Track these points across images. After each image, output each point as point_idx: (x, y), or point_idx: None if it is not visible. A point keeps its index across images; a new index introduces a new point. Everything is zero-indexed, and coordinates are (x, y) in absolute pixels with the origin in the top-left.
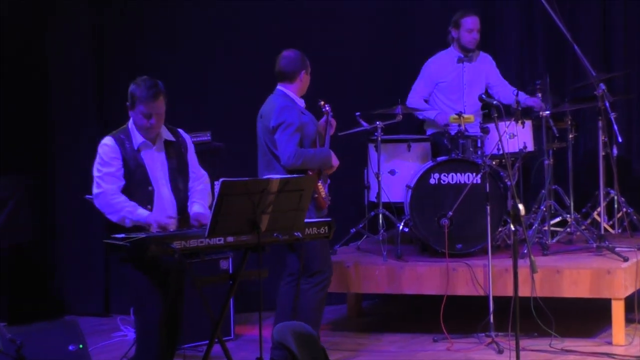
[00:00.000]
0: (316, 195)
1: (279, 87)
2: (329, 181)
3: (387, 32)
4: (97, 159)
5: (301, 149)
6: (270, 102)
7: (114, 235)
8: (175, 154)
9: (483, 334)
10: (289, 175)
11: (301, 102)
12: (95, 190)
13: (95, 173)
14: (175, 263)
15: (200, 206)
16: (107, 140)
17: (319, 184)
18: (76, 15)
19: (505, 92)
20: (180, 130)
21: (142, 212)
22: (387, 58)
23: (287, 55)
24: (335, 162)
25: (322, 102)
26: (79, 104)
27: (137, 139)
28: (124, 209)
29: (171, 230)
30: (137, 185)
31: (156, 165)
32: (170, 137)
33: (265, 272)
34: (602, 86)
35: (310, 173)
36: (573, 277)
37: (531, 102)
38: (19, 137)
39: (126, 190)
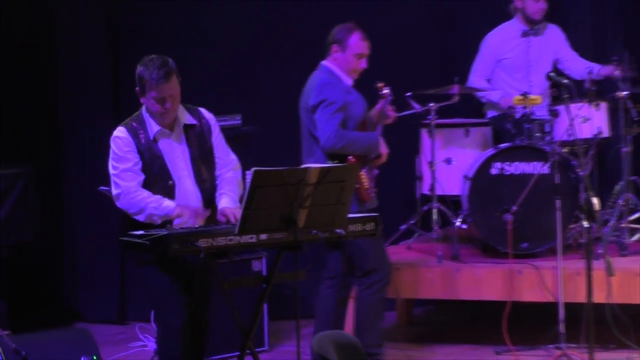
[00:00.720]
0: (358, 186)
1: (323, 62)
2: (376, 171)
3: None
4: (111, 155)
5: (343, 130)
6: (313, 78)
7: (131, 232)
8: (197, 139)
9: (552, 346)
10: (329, 164)
11: (348, 81)
12: (114, 191)
13: (112, 171)
14: (201, 264)
15: (229, 199)
16: (119, 132)
17: (362, 172)
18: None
19: (577, 67)
20: (202, 110)
21: (168, 204)
22: (442, 30)
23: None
24: (384, 149)
25: (381, 84)
26: (91, 91)
27: (153, 127)
28: (148, 205)
29: (202, 219)
30: (155, 179)
31: (176, 154)
32: (191, 120)
33: (303, 274)
34: None
35: (353, 160)
36: None
37: (606, 71)
38: (26, 125)
39: (144, 186)
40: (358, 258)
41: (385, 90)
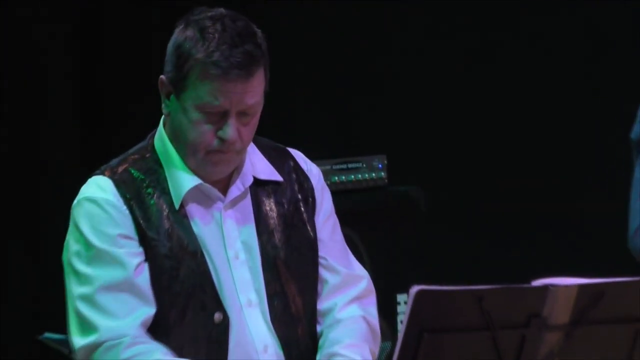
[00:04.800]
0: None
1: None
2: None
3: None
4: (73, 242)
5: None
6: None
7: None
8: (281, 219)
9: None
10: (600, 280)
11: None
12: (78, 339)
13: (75, 287)
14: None
15: None
16: (97, 188)
17: None
18: None
19: None
20: (296, 154)
21: None
22: None
23: None
24: None
25: None
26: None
27: (180, 178)
28: None
29: None
30: (180, 305)
31: (233, 251)
32: (271, 173)
33: None
34: None
35: None
36: None
37: None
38: None
39: (156, 323)
40: None
41: None
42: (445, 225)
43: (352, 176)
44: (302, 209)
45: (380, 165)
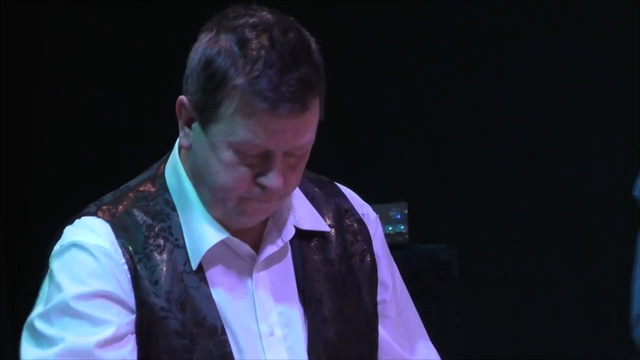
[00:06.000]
0: None
1: None
2: None
3: None
4: (39, 302)
5: None
6: None
7: None
8: (332, 283)
9: None
10: None
11: None
12: None
13: (26, 348)
14: None
15: None
16: (87, 233)
17: None
18: None
19: None
20: (348, 192)
21: None
22: None
23: None
24: None
25: None
26: None
27: (202, 232)
28: None
29: None
30: None
31: (265, 324)
32: (316, 221)
33: None
34: None
35: None
36: None
37: None
38: None
39: None
40: None
41: None
42: (484, 294)
43: None
44: (357, 266)
45: (399, 216)
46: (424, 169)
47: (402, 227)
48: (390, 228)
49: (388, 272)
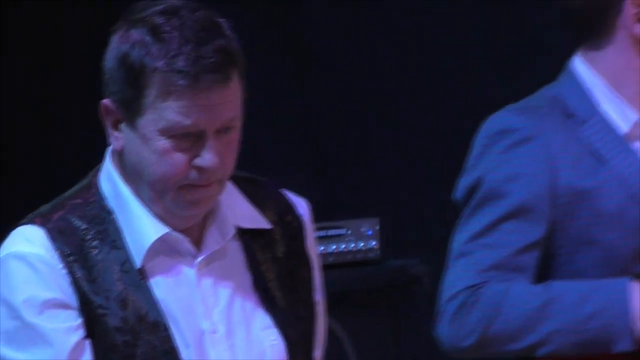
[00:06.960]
0: None
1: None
2: None
3: None
4: None
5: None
6: None
7: None
8: (280, 277)
9: None
10: None
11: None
12: None
13: None
14: None
15: None
16: (22, 243)
17: None
18: None
19: None
20: (287, 193)
21: None
22: None
23: None
24: None
25: None
26: None
27: (143, 230)
28: None
29: None
30: None
31: (208, 320)
32: (256, 219)
33: None
34: None
35: None
36: None
37: None
38: None
39: None
40: None
41: None
42: None
43: (334, 246)
44: (301, 266)
45: (370, 232)
46: (395, 184)
47: (373, 243)
48: (362, 244)
49: (318, 274)
